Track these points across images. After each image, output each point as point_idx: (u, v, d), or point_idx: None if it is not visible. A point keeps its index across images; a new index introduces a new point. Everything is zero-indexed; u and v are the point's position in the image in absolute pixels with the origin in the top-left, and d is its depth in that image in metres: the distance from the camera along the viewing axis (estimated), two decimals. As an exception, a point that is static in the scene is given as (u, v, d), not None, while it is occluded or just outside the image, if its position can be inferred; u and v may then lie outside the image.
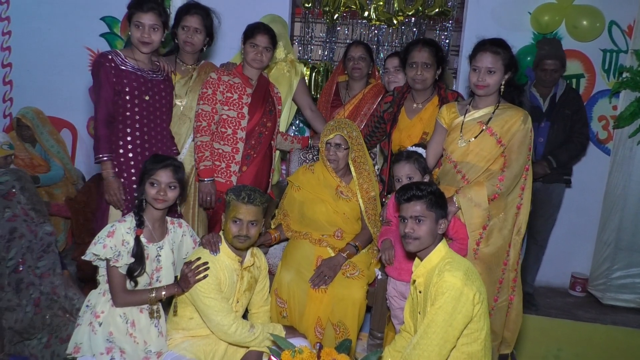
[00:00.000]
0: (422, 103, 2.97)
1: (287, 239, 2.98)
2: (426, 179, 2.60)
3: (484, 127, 2.55)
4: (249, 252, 2.42)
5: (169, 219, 2.41)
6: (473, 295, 1.95)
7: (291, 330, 2.46)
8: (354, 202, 2.84)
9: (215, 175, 2.94)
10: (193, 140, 2.96)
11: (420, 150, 2.66)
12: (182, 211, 2.98)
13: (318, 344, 2.00)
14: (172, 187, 2.28)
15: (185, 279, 2.24)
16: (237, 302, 2.38)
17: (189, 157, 3.04)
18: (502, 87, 2.55)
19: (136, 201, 2.31)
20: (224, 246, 2.35)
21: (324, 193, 2.86)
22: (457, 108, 2.68)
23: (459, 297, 1.93)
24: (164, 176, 2.26)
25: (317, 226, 2.86)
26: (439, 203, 2.08)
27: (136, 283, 2.25)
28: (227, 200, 2.34)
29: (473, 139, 2.56)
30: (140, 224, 2.26)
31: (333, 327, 2.63)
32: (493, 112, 2.56)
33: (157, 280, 2.32)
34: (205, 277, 2.23)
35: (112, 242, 2.19)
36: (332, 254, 2.76)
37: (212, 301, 2.23)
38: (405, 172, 2.58)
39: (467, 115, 2.62)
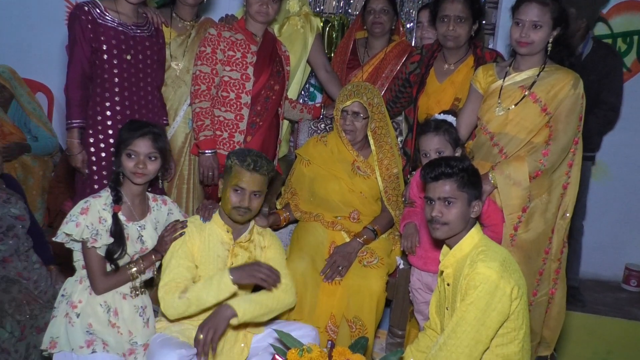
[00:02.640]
0: (455, 64, 2.96)
1: (296, 220, 3.00)
2: (458, 153, 2.59)
3: (526, 93, 2.53)
4: (248, 227, 2.44)
5: (150, 195, 2.44)
6: (510, 290, 1.93)
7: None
8: (373, 180, 2.86)
9: (217, 146, 2.96)
10: (190, 106, 2.98)
11: (450, 118, 2.64)
12: (175, 186, 3.08)
13: (330, 342, 2.01)
14: (152, 159, 2.28)
15: (161, 240, 2.32)
16: None
17: (183, 125, 3.09)
18: (550, 45, 2.52)
19: (112, 174, 2.32)
20: (216, 216, 2.39)
21: (338, 168, 2.87)
22: (495, 70, 2.66)
23: (493, 291, 1.92)
24: (142, 146, 2.27)
25: (329, 207, 2.88)
26: (472, 182, 2.06)
27: (117, 267, 2.26)
28: (229, 164, 2.33)
29: (513, 106, 2.55)
30: (117, 199, 2.27)
31: (348, 324, 2.65)
32: (538, 75, 2.54)
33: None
34: (182, 234, 2.31)
35: (88, 219, 2.20)
36: (348, 239, 2.78)
37: (174, 260, 2.28)
38: (434, 146, 2.56)
39: (506, 78, 2.60)
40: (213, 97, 2.94)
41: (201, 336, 2.15)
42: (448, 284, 2.11)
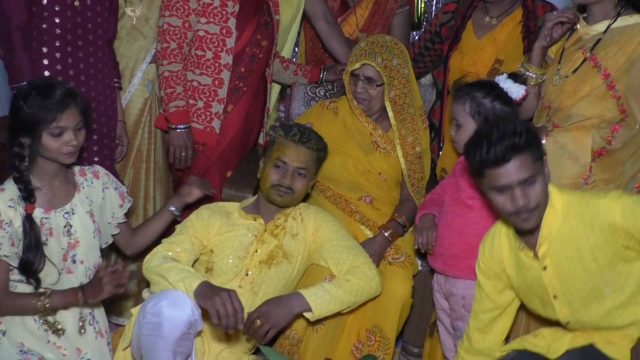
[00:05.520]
0: (498, 17, 2.89)
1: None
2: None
3: (587, 55, 2.42)
4: (281, 209, 2.47)
5: (77, 168, 2.34)
6: None
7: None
8: (395, 158, 2.79)
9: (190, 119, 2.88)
10: (157, 68, 2.91)
11: (506, 85, 2.44)
12: (131, 165, 3.06)
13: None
14: (79, 128, 2.21)
15: (98, 284, 2.15)
16: (247, 274, 2.38)
17: (141, 88, 3.03)
18: None
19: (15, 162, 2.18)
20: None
21: (351, 145, 2.81)
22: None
23: None
24: (70, 119, 2.16)
25: (335, 183, 2.82)
26: (534, 141, 1.95)
27: (38, 282, 2.18)
28: (272, 138, 2.45)
29: (571, 73, 2.45)
30: (29, 194, 2.15)
31: (366, 335, 2.57)
32: (605, 31, 2.42)
33: (72, 261, 2.26)
34: (126, 290, 2.23)
35: None
36: (369, 234, 2.70)
37: (191, 229, 2.36)
38: (452, 114, 2.45)
39: (570, 37, 2.51)
40: (185, 56, 2.85)
41: (257, 322, 2.14)
42: (545, 267, 2.00)
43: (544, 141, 2.40)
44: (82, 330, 2.27)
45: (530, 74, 2.53)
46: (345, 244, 2.44)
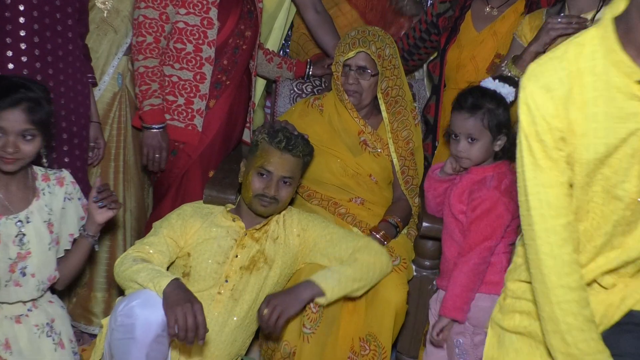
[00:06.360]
0: (499, 8, 2.85)
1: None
2: (498, 143, 2.37)
3: None
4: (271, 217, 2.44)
5: (39, 172, 2.25)
6: None
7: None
8: (385, 157, 2.74)
9: (169, 117, 2.80)
10: (132, 62, 2.83)
11: (505, 90, 2.39)
12: (97, 165, 2.98)
13: None
14: (28, 137, 2.09)
15: None
16: (226, 281, 2.32)
17: (112, 83, 2.97)
18: None
19: None
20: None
21: (338, 145, 2.74)
22: (544, 19, 2.52)
23: None
24: (12, 120, 2.05)
25: (323, 187, 2.78)
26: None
27: None
28: (255, 140, 2.40)
29: None
30: None
31: (360, 345, 2.51)
32: (592, 19, 2.38)
33: (21, 274, 2.18)
34: None
35: None
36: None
37: (165, 230, 2.31)
38: (465, 130, 2.35)
39: None
40: (163, 50, 2.77)
41: (265, 311, 2.16)
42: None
43: None
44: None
45: (516, 78, 2.48)
46: (339, 233, 2.42)
